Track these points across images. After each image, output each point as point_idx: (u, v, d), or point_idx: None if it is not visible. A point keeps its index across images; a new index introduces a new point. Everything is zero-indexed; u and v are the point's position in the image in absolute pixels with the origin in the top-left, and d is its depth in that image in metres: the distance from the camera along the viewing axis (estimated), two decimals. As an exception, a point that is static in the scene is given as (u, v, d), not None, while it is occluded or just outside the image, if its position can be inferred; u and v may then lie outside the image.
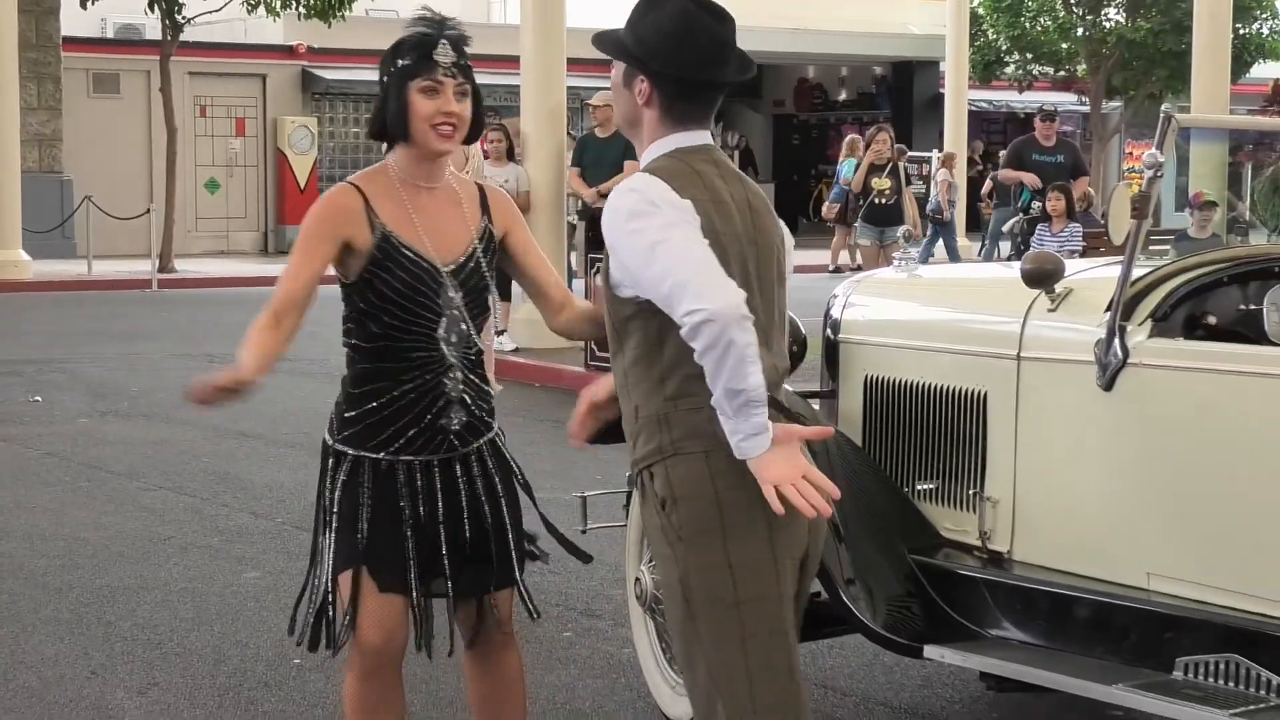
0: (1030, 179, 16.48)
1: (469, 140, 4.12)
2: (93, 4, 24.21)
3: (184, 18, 23.97)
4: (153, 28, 25.88)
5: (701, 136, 3.47)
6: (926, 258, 22.36)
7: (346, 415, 4.06)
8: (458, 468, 4.07)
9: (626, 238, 3.29)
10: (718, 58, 3.43)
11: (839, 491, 3.30)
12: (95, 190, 24.47)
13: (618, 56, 3.49)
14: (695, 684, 3.41)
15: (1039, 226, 15.13)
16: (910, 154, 33.53)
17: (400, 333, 3.96)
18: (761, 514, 3.27)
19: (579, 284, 14.62)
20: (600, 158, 14.65)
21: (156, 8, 24.02)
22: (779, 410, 3.37)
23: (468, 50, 4.00)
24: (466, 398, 4.02)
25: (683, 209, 3.28)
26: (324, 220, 3.98)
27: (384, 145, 4.08)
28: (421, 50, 3.94)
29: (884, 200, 16.73)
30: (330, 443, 4.12)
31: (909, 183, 18.30)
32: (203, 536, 7.93)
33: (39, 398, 12.44)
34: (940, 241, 23.31)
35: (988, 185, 22.27)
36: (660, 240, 3.23)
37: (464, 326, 4.00)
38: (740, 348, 3.14)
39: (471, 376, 4.04)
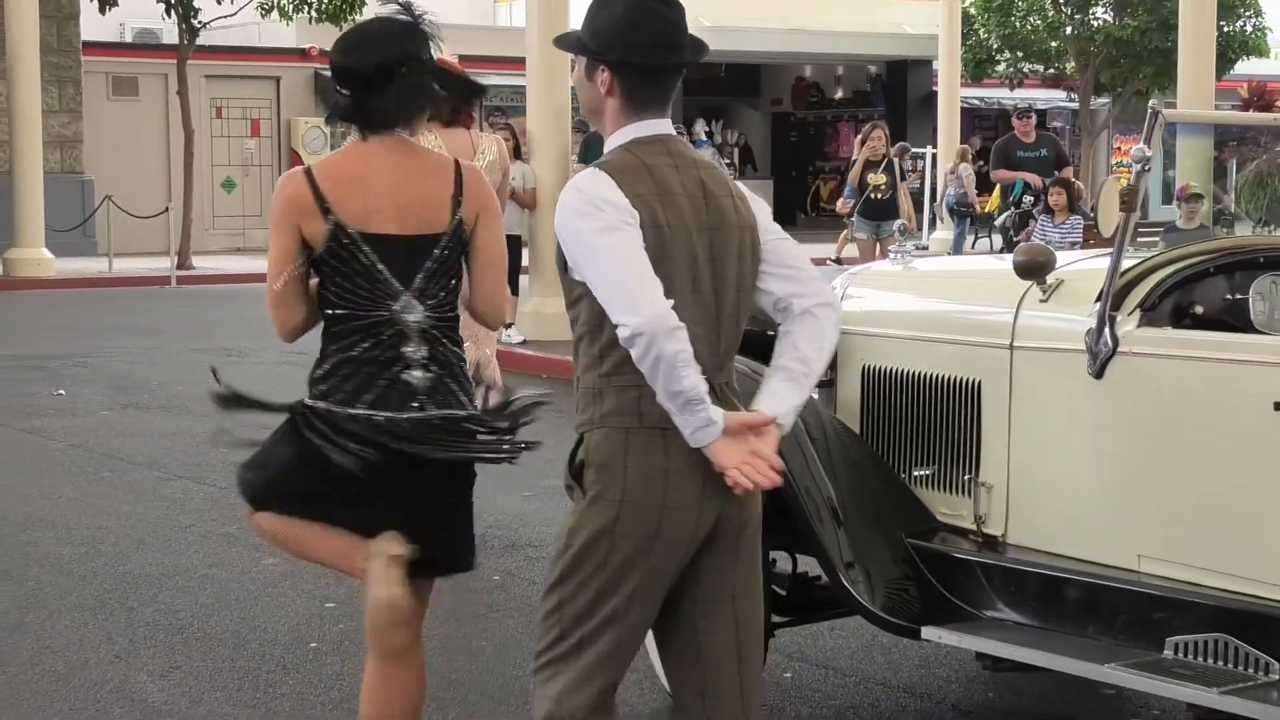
0: (1033, 178, 16.67)
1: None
2: (112, 9, 24.24)
3: (200, 22, 24.00)
4: (170, 32, 25.88)
5: (659, 125, 3.51)
6: (959, 249, 22.37)
7: (316, 373, 4.04)
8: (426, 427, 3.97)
9: (569, 234, 3.41)
10: (671, 42, 3.51)
11: (782, 465, 3.42)
12: (115, 190, 24.47)
13: (578, 52, 3.54)
14: (546, 616, 3.51)
15: (1041, 219, 15.16)
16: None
17: (351, 294, 3.98)
18: (659, 497, 3.38)
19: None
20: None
21: (173, 13, 24.04)
22: (719, 397, 3.44)
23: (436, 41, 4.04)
24: (432, 364, 3.98)
25: (621, 210, 3.36)
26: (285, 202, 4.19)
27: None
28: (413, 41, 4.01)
29: (879, 195, 16.67)
30: (299, 402, 4.09)
31: (904, 178, 18.22)
32: (221, 524, 7.93)
33: (62, 391, 12.45)
34: (958, 231, 23.29)
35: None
36: (593, 248, 3.34)
37: (416, 303, 3.98)
38: (670, 357, 3.26)
39: (440, 341, 4.00)
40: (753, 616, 3.58)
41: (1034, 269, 4.70)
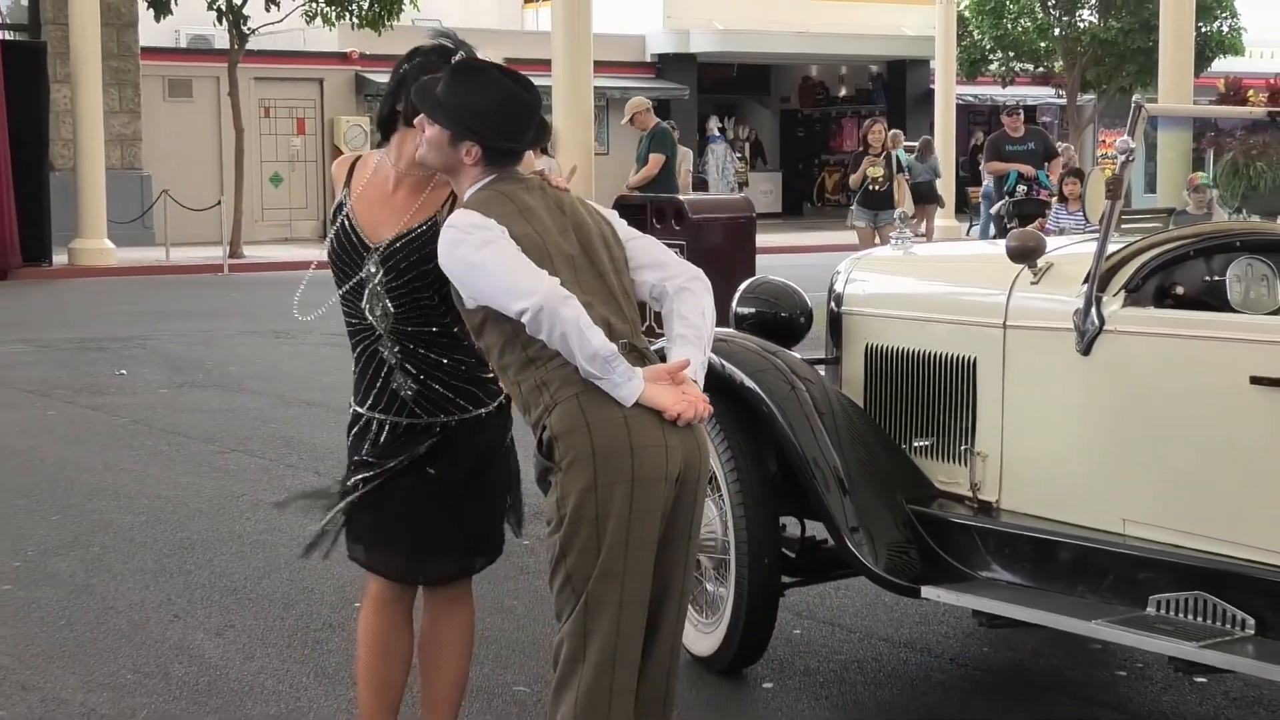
0: (1026, 169, 16.69)
1: None
2: (167, 17, 24.26)
3: (249, 29, 24.01)
4: (221, 38, 25.89)
5: (508, 172, 3.68)
6: (987, 233, 22.28)
7: (354, 371, 4.04)
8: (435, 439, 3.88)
9: (453, 263, 3.56)
10: (530, 125, 3.65)
11: (708, 400, 3.55)
12: (171, 185, 24.49)
13: (450, 126, 3.61)
14: (559, 591, 3.57)
15: (1056, 206, 15.14)
16: (905, 141, 33.53)
17: (343, 299, 3.97)
18: (625, 441, 3.43)
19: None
20: (648, 148, 14.60)
21: (224, 20, 24.06)
22: (640, 354, 3.57)
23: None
24: (409, 367, 3.84)
25: (489, 227, 3.50)
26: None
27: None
28: (424, 68, 3.84)
29: (878, 186, 16.64)
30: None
31: (900, 169, 18.15)
32: (272, 494, 7.94)
33: (123, 371, 12.48)
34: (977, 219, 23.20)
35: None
36: (476, 262, 3.48)
37: (387, 303, 3.83)
38: (571, 321, 3.41)
39: (417, 352, 3.83)
40: (694, 555, 3.69)
41: (1025, 253, 4.68)
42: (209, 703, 4.96)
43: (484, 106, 3.59)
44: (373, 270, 3.85)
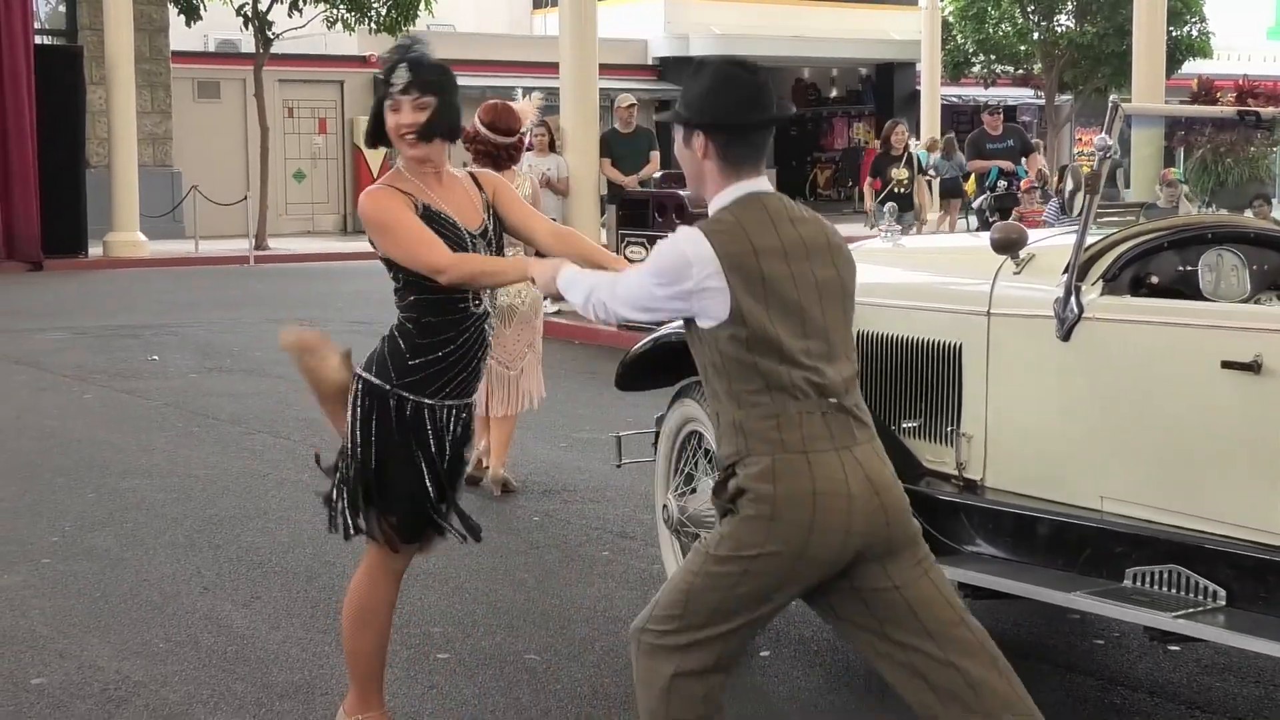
0: (1006, 164, 16.64)
1: (450, 138, 4.03)
2: (197, 23, 24.23)
3: (274, 34, 23.99)
4: (247, 42, 25.87)
5: (757, 184, 3.31)
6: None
7: (411, 363, 3.96)
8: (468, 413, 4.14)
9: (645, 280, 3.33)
10: (755, 101, 3.31)
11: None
12: (200, 181, 24.48)
13: (674, 122, 3.37)
14: (672, 592, 3.28)
15: (1053, 200, 15.07)
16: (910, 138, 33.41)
17: (450, 290, 3.92)
18: (809, 515, 3.15)
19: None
20: (631, 150, 14.61)
21: (250, 25, 24.02)
22: (851, 417, 3.26)
23: (428, 66, 3.93)
24: (491, 342, 4.12)
25: (705, 261, 3.17)
26: (394, 199, 3.96)
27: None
28: (386, 75, 3.96)
29: (901, 189, 16.20)
30: (389, 388, 3.97)
31: (923, 171, 17.55)
32: (295, 473, 7.94)
33: (156, 357, 12.47)
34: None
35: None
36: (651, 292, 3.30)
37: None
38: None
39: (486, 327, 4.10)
40: (939, 581, 3.30)
41: (1008, 245, 4.66)
42: (237, 670, 4.95)
43: (697, 94, 3.32)
44: (482, 253, 4.01)
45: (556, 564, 6.16)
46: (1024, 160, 17.46)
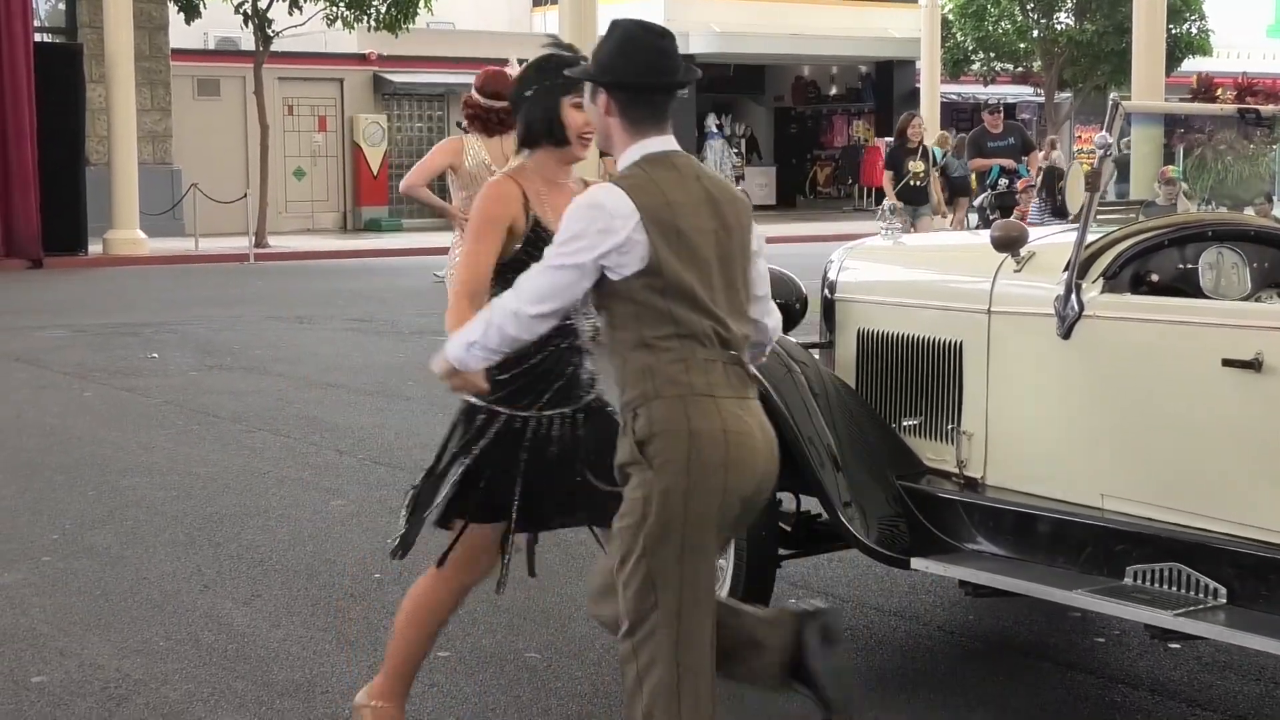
0: (1007, 162, 16.56)
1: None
2: (196, 20, 24.23)
3: (274, 31, 24.02)
4: (247, 40, 25.86)
5: (662, 143, 3.44)
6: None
7: (499, 378, 3.81)
8: (581, 416, 3.99)
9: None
10: (656, 65, 3.44)
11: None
12: (200, 178, 24.50)
13: (583, 78, 3.54)
14: (640, 582, 3.33)
15: (1036, 201, 15.04)
16: (889, 139, 33.41)
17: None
18: (723, 454, 3.30)
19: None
20: None
21: (250, 23, 24.03)
22: (746, 372, 3.43)
23: None
24: (590, 352, 3.99)
25: (628, 215, 3.30)
26: (498, 207, 3.86)
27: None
28: (571, 71, 3.77)
29: (917, 182, 15.98)
30: (484, 403, 3.89)
31: (936, 165, 17.16)
32: (296, 471, 7.94)
33: (155, 354, 12.46)
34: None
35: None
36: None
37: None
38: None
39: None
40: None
41: (1009, 243, 4.66)
42: (237, 668, 4.94)
43: (605, 54, 3.45)
44: None
45: (557, 562, 6.15)
46: (1024, 159, 17.43)
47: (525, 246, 3.86)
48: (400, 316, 15.11)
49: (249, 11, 23.86)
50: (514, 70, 7.97)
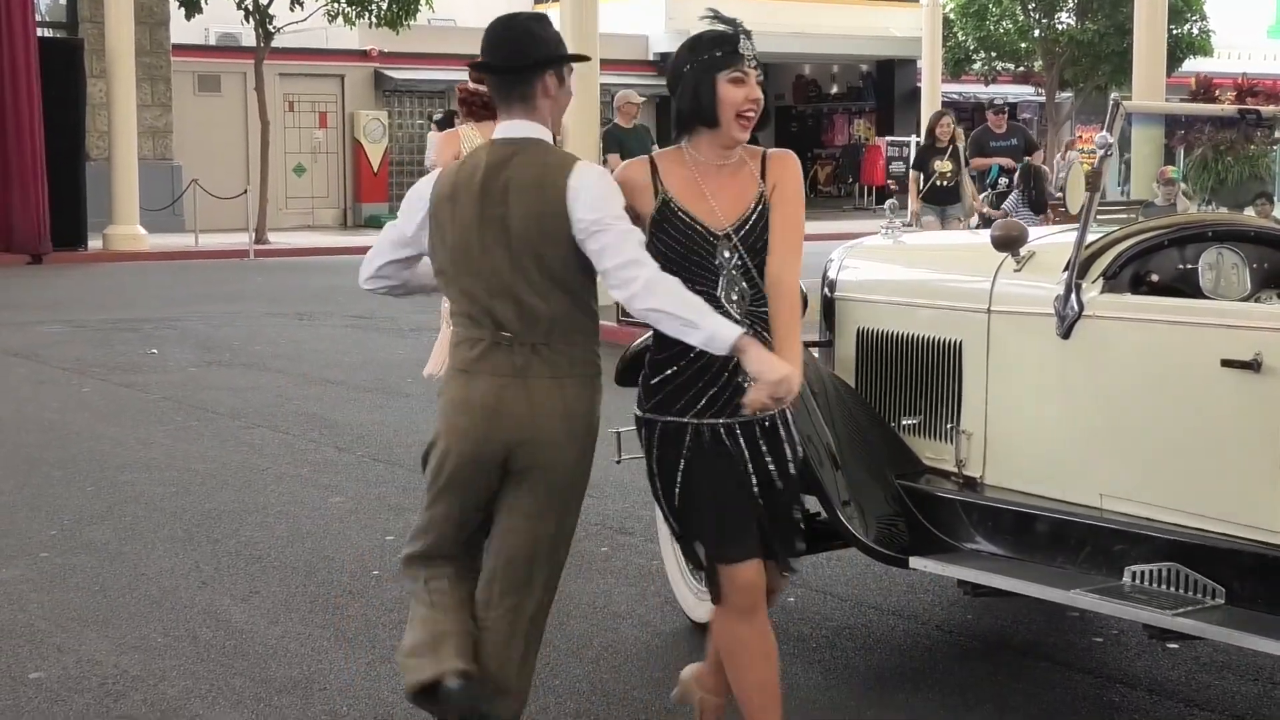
0: (1006, 161, 16.48)
1: (760, 126, 3.76)
2: (197, 15, 24.21)
3: (275, 27, 23.99)
4: (248, 36, 25.86)
5: (507, 128, 3.66)
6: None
7: (651, 383, 3.66)
8: (756, 429, 3.65)
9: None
10: (489, 46, 3.65)
11: None
12: (200, 174, 24.49)
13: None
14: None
15: (1014, 192, 14.98)
16: (890, 138, 33.34)
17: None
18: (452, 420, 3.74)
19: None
20: (639, 144, 14.58)
21: (251, 19, 24.02)
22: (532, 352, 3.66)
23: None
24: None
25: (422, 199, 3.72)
26: (623, 183, 3.67)
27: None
28: (727, 45, 3.62)
29: (944, 182, 15.70)
30: (640, 414, 3.71)
31: (967, 164, 16.84)
32: (294, 467, 7.94)
33: (155, 350, 12.46)
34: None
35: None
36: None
37: (744, 284, 3.58)
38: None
39: (760, 333, 3.59)
40: (533, 536, 3.70)
41: (1009, 242, 4.65)
42: (235, 665, 4.94)
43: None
44: (727, 255, 3.59)
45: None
46: (1027, 159, 17.36)
47: (653, 229, 3.64)
48: (400, 313, 15.10)
49: (250, 7, 23.84)
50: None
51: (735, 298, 3.59)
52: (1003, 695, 4.69)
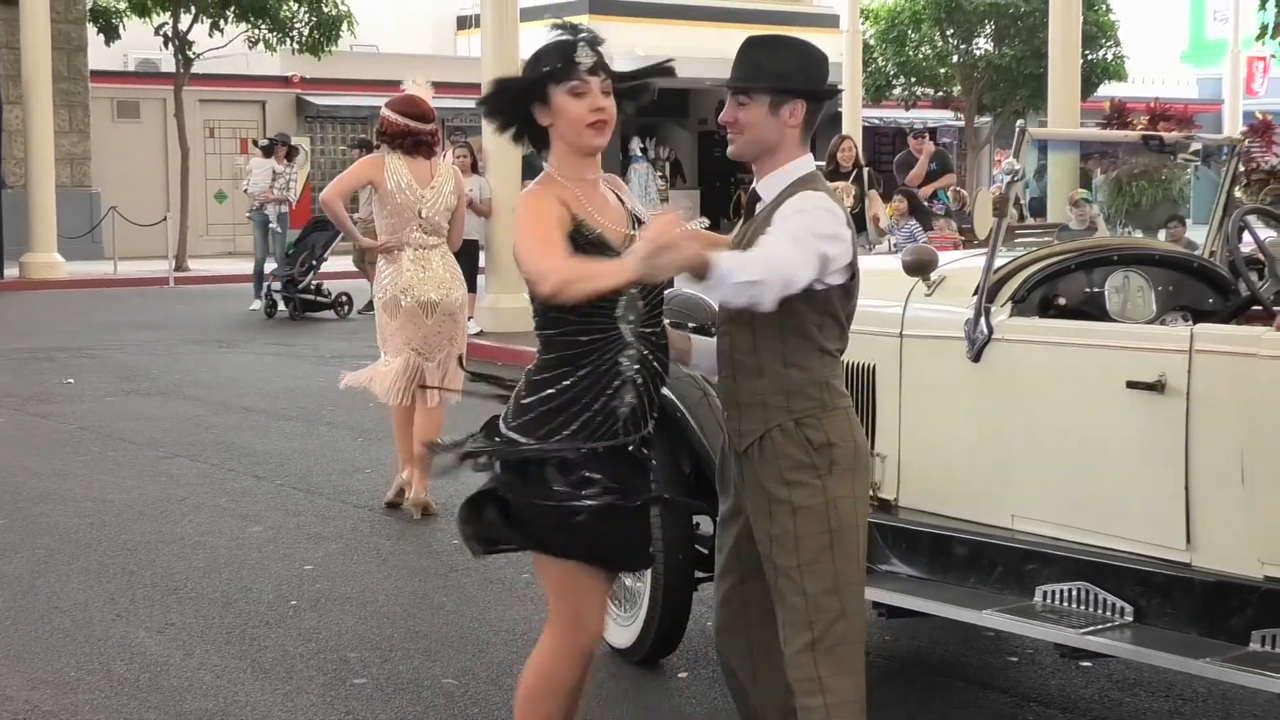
0: (947, 180, 16.73)
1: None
2: (116, 42, 24.02)
3: (194, 53, 23.84)
4: (168, 62, 25.66)
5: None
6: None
7: (523, 402, 3.47)
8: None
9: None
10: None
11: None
12: (119, 201, 24.22)
13: (777, 86, 3.58)
14: (815, 591, 3.41)
15: (892, 222, 15.10)
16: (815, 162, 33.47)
17: (582, 317, 3.40)
18: (868, 456, 3.61)
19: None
20: None
21: (170, 45, 23.84)
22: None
23: (603, 50, 3.51)
24: (639, 379, 3.46)
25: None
26: (551, 209, 3.39)
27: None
28: (563, 55, 3.45)
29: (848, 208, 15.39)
30: (504, 432, 3.49)
31: (874, 186, 16.68)
32: (213, 497, 7.87)
33: (71, 380, 12.31)
34: None
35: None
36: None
37: (640, 304, 3.46)
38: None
39: (650, 358, 3.50)
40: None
41: (920, 267, 4.70)
42: (149, 698, 4.88)
43: (796, 62, 3.59)
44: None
45: (475, 588, 6.14)
46: (903, 184, 17.47)
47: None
48: (321, 341, 15.02)
49: (169, 33, 23.69)
50: (413, 89, 8.01)
51: (633, 318, 3.47)
52: (918, 715, 4.73)
